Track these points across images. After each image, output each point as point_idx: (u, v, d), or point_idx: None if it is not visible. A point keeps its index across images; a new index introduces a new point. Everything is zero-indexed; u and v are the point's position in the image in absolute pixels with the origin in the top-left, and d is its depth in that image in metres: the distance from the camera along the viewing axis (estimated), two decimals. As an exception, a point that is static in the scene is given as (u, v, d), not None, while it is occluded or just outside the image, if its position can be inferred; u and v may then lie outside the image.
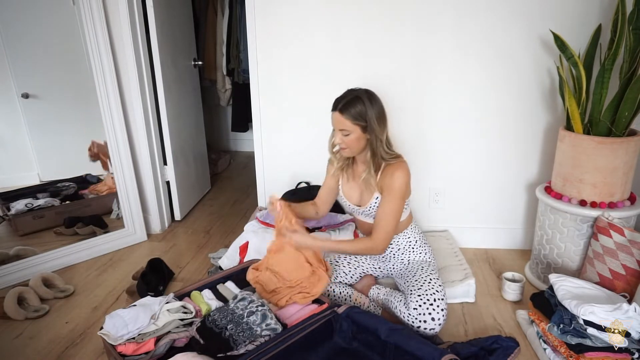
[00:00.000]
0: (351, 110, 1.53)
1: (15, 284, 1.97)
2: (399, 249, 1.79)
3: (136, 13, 2.26)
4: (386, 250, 1.79)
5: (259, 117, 2.31)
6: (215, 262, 2.18)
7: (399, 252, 1.80)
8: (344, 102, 1.55)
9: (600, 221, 1.66)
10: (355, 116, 1.54)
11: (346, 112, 1.54)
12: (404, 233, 1.79)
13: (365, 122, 1.54)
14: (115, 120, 2.28)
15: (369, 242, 1.64)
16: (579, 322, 1.36)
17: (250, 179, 3.51)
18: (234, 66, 3.52)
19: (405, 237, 1.79)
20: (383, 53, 2.11)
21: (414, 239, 1.80)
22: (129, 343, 1.40)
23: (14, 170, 2.18)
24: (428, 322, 1.50)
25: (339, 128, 1.58)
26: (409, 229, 1.80)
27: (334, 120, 1.59)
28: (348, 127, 1.55)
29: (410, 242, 1.79)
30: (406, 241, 1.79)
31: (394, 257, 1.81)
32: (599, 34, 1.80)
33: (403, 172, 1.59)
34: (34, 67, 2.13)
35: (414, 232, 1.81)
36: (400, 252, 1.80)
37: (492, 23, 2.00)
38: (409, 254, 1.79)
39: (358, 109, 1.53)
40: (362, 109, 1.53)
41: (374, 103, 1.56)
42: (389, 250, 1.80)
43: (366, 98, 1.55)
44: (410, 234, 1.80)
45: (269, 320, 1.44)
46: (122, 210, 2.40)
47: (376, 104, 1.57)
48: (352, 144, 1.59)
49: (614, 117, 1.69)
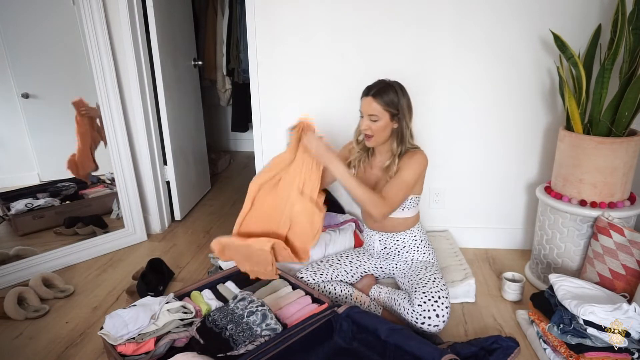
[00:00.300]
0: (384, 97, 1.59)
1: (15, 284, 1.97)
2: (404, 246, 1.80)
3: (136, 13, 2.26)
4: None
5: (259, 117, 2.31)
6: (215, 262, 2.18)
7: (404, 250, 1.80)
8: (377, 89, 1.60)
9: (600, 221, 1.66)
10: (387, 102, 1.59)
11: (379, 97, 1.59)
12: (410, 230, 1.80)
13: (396, 109, 1.60)
14: (115, 120, 2.28)
15: (380, 198, 1.60)
16: (579, 322, 1.36)
17: (250, 179, 3.49)
18: (234, 66, 3.52)
19: (412, 235, 1.80)
20: (383, 53, 2.11)
21: (420, 238, 1.81)
22: (129, 343, 1.41)
23: (14, 170, 2.18)
24: (432, 318, 1.51)
25: (368, 113, 1.61)
26: (415, 228, 1.81)
27: (365, 106, 1.62)
28: (378, 112, 1.59)
29: (416, 240, 1.80)
30: (412, 239, 1.80)
31: (398, 255, 1.82)
32: (599, 34, 1.80)
33: (422, 156, 1.66)
34: (34, 67, 2.13)
35: (420, 232, 1.82)
36: (405, 251, 1.80)
37: (492, 23, 2.00)
38: (413, 253, 1.80)
39: (391, 96, 1.59)
40: (394, 97, 1.60)
41: (405, 92, 1.64)
42: (395, 247, 1.80)
43: (398, 87, 1.63)
44: (417, 232, 1.81)
45: (269, 320, 1.44)
46: (122, 210, 2.40)
47: (406, 94, 1.64)
48: (379, 131, 1.62)
49: (614, 117, 1.69)
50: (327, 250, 1.99)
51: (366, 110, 1.62)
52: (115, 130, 2.29)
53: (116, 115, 2.27)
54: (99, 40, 2.16)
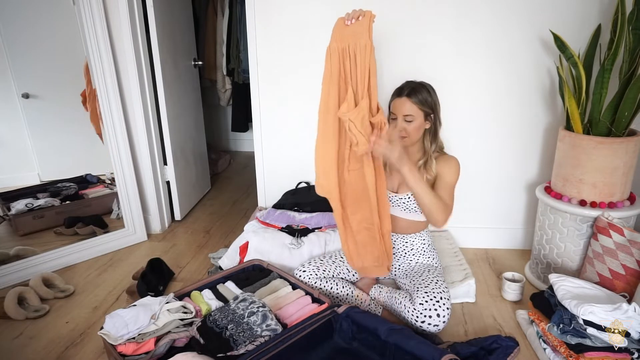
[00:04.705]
0: (418, 96, 1.60)
1: (16, 284, 1.97)
2: (411, 248, 1.80)
3: (136, 13, 2.26)
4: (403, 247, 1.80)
5: (259, 117, 2.31)
6: (215, 262, 2.18)
7: (411, 252, 1.80)
8: (410, 88, 1.61)
9: (600, 221, 1.66)
10: (422, 101, 1.60)
11: (414, 96, 1.60)
12: (420, 234, 1.80)
13: (430, 108, 1.62)
14: (115, 120, 2.28)
15: (445, 203, 1.62)
16: (578, 322, 1.37)
17: (250, 179, 3.51)
18: (234, 66, 3.52)
19: (421, 238, 1.81)
20: (383, 53, 2.11)
21: (427, 242, 1.82)
22: (129, 343, 1.41)
23: (14, 170, 2.18)
24: (433, 317, 1.51)
25: (403, 114, 1.61)
26: (425, 232, 1.82)
27: (399, 106, 1.62)
28: (414, 112, 1.60)
29: (424, 244, 1.81)
30: (421, 242, 1.81)
31: (403, 256, 1.82)
32: (598, 34, 1.80)
33: (458, 163, 1.68)
34: (34, 67, 2.13)
35: (428, 236, 1.83)
36: (412, 253, 1.80)
37: (492, 23, 2.00)
38: (419, 256, 1.80)
39: (424, 95, 1.61)
40: (427, 96, 1.62)
41: (435, 92, 1.66)
42: (402, 248, 1.80)
43: (429, 86, 1.65)
44: (426, 236, 1.82)
45: (270, 320, 1.45)
46: (122, 210, 2.40)
47: (436, 93, 1.66)
48: (414, 132, 1.63)
49: (614, 117, 1.69)
50: (326, 249, 1.99)
51: (401, 111, 1.61)
52: (115, 130, 2.29)
53: (116, 115, 2.27)
54: (99, 40, 2.16)
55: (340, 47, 1.50)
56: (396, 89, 1.65)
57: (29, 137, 2.15)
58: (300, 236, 2.04)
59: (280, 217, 2.19)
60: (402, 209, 1.72)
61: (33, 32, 2.09)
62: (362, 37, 1.42)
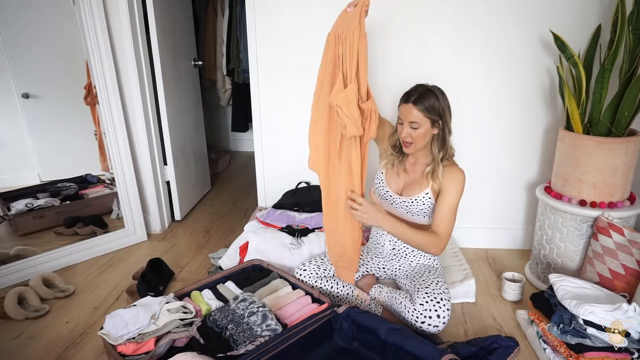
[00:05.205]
0: (425, 103, 1.55)
1: (16, 284, 1.97)
2: (412, 250, 1.79)
3: (136, 13, 2.26)
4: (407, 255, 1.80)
5: (259, 117, 2.31)
6: (215, 262, 2.18)
7: (412, 253, 1.79)
8: (417, 95, 1.56)
9: (600, 221, 1.66)
10: (428, 109, 1.55)
11: (420, 104, 1.55)
12: None
13: (438, 115, 1.57)
14: (116, 120, 2.28)
15: (435, 237, 1.63)
16: (578, 322, 1.37)
17: (250, 179, 3.51)
18: (234, 66, 3.52)
19: None
20: (382, 53, 2.11)
21: None
22: (129, 343, 1.41)
23: (14, 170, 2.18)
24: (433, 318, 1.51)
25: (409, 120, 1.58)
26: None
27: (405, 113, 1.59)
28: (419, 119, 1.56)
29: None
30: None
31: (404, 257, 1.81)
32: (598, 34, 1.80)
33: (463, 176, 1.63)
34: (34, 67, 2.13)
35: None
36: (414, 255, 1.79)
37: (492, 23, 2.00)
38: (419, 257, 1.80)
39: (431, 101, 1.56)
40: (435, 102, 1.56)
41: (445, 97, 1.60)
42: (404, 250, 1.80)
43: (438, 92, 1.58)
44: None
45: (270, 320, 1.45)
46: (122, 210, 2.40)
47: (446, 98, 1.60)
48: (419, 139, 1.60)
49: (614, 117, 1.69)
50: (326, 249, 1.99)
51: (406, 118, 1.58)
52: (115, 130, 2.29)
53: (116, 115, 2.27)
54: (99, 40, 2.16)
55: (336, 33, 1.53)
56: (404, 94, 1.61)
57: (29, 137, 2.15)
58: (300, 236, 2.04)
59: (280, 217, 2.19)
60: (405, 211, 1.72)
61: (33, 32, 2.09)
62: (352, 23, 1.44)
